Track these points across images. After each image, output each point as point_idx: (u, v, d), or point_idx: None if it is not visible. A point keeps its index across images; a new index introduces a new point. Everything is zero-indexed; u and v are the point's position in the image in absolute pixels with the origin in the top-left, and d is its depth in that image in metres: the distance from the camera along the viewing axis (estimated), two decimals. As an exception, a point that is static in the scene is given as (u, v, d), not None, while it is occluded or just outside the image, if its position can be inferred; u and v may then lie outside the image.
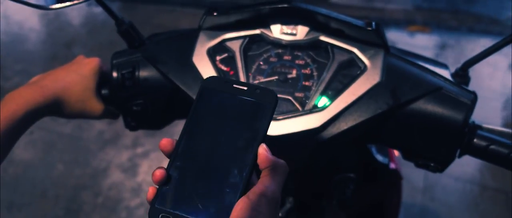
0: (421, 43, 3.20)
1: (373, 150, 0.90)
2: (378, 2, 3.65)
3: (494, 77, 2.75)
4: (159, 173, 0.45)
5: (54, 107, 0.72)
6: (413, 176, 2.10)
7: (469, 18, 3.43)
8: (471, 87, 0.74)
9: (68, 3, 0.71)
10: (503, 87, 2.68)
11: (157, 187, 0.46)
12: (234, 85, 0.49)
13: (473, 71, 0.77)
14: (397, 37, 3.22)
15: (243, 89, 0.49)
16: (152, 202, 0.45)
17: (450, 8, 3.57)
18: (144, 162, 2.26)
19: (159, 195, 0.45)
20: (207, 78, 0.51)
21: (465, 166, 2.15)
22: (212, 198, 0.44)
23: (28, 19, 3.58)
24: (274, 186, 0.45)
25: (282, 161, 0.47)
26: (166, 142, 0.47)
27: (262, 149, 0.46)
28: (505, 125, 2.42)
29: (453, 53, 3.03)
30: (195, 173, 0.46)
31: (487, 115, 2.43)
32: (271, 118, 0.48)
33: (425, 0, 3.70)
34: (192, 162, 0.47)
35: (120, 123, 0.84)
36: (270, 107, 0.48)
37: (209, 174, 0.46)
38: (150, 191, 0.46)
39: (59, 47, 3.26)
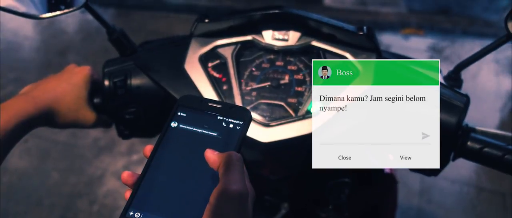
0: (415, 46, 3.21)
1: (368, 154, 0.90)
2: (372, 6, 3.66)
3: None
4: (126, 175, 0.47)
5: (46, 117, 0.72)
6: (410, 179, 2.10)
7: (463, 21, 3.44)
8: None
9: (58, 12, 0.71)
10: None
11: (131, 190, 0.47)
12: (209, 104, 0.50)
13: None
14: (391, 40, 3.23)
15: (218, 107, 0.50)
16: (124, 209, 0.45)
17: (444, 11, 3.58)
18: (139, 169, 2.22)
19: (130, 202, 0.46)
20: (182, 96, 0.52)
21: (461, 168, 2.16)
22: (183, 210, 0.45)
23: (23, 27, 3.57)
24: (232, 180, 0.42)
25: (231, 152, 0.45)
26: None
27: (207, 153, 0.45)
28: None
29: (447, 56, 3.04)
30: (167, 184, 0.46)
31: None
32: (244, 135, 0.48)
33: (419, 2, 3.72)
34: (165, 175, 0.47)
35: (115, 130, 0.84)
36: (244, 125, 0.49)
37: (181, 187, 0.46)
38: (126, 194, 0.47)
39: (53, 55, 3.25)
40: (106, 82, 0.76)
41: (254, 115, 0.70)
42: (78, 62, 0.82)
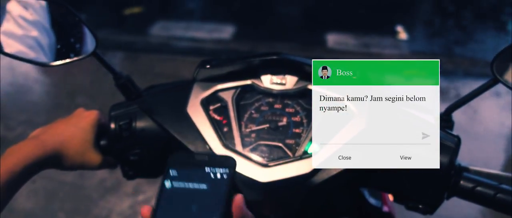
0: (418, 86, 3.23)
1: (366, 193, 0.92)
2: (374, 48, 3.72)
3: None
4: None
5: (54, 160, 0.74)
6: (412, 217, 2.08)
7: (465, 62, 3.49)
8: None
9: (68, 60, 0.75)
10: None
11: None
12: (196, 157, 0.56)
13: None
14: (394, 81, 3.25)
15: (205, 159, 0.56)
16: None
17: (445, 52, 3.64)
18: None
19: None
20: (170, 157, 0.57)
21: (466, 207, 2.14)
22: None
23: (33, 70, 3.65)
24: None
25: (250, 213, 0.54)
26: (147, 210, 0.53)
27: (238, 199, 0.53)
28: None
29: (450, 97, 3.07)
30: None
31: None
32: (232, 182, 0.53)
33: (421, 44, 3.78)
34: None
35: (120, 171, 0.86)
36: (230, 172, 0.54)
37: None
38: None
39: (62, 97, 3.31)
40: (112, 125, 0.79)
41: (253, 156, 0.72)
42: (86, 104, 0.86)
